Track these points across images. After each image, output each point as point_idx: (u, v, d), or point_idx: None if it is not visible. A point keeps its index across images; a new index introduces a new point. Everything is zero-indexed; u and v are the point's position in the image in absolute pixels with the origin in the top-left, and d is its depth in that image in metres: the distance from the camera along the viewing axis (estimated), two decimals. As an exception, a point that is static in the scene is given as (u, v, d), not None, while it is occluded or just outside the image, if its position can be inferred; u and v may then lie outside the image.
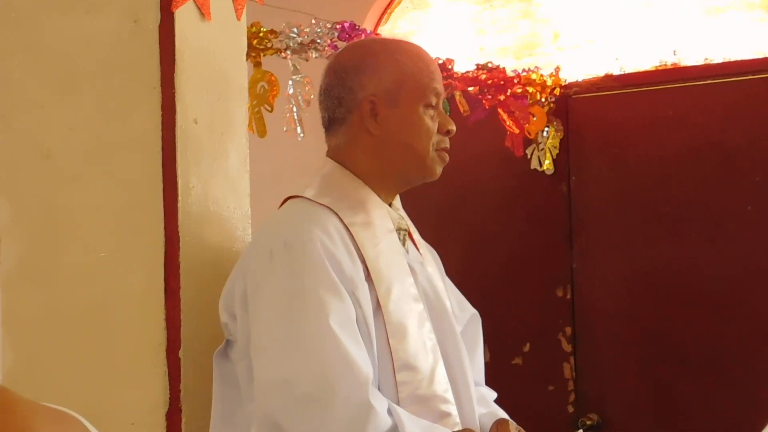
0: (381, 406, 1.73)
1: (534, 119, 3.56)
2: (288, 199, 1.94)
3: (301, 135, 2.72)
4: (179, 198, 1.95)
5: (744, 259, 3.44)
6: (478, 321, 2.18)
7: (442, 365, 1.88)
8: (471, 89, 3.38)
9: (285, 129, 2.71)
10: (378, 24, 4.25)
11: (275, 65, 2.72)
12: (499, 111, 3.48)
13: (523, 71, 3.56)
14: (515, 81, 3.48)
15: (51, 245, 2.00)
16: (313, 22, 2.72)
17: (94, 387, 1.95)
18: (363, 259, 1.84)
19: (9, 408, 0.85)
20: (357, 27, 2.77)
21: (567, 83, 3.71)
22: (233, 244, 2.10)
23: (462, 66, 3.46)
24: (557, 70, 3.68)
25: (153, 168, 1.95)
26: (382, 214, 1.93)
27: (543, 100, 3.59)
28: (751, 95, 3.47)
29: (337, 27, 2.73)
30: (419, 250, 2.05)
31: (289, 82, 2.71)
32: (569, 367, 3.66)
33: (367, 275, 1.83)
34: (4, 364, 2.02)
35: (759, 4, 3.68)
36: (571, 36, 3.93)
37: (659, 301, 3.55)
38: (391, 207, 1.98)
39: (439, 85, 1.97)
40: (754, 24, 3.67)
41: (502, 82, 3.44)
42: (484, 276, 3.72)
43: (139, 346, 1.94)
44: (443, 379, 1.87)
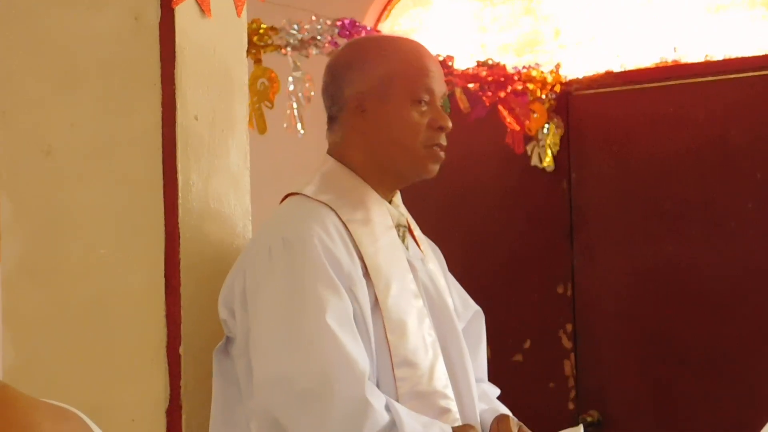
0: (378, 402, 1.73)
1: (534, 116, 3.56)
2: (288, 196, 1.94)
3: (302, 132, 2.72)
4: (180, 195, 1.95)
5: (745, 257, 3.44)
6: (481, 318, 2.18)
7: (441, 361, 1.88)
8: (471, 86, 3.38)
9: (285, 126, 2.71)
10: (378, 21, 4.24)
11: (275, 62, 2.72)
12: (500, 108, 3.48)
13: (524, 68, 3.55)
14: (516, 78, 3.48)
15: (51, 242, 2.00)
16: (314, 19, 2.72)
17: (94, 384, 1.95)
18: (361, 256, 1.84)
19: (10, 404, 0.85)
20: (357, 24, 2.77)
21: (568, 80, 3.71)
22: (234, 240, 2.10)
23: (463, 63, 3.46)
24: (558, 67, 3.67)
25: (153, 165, 1.95)
26: (381, 210, 1.93)
27: (543, 97, 3.59)
28: (752, 92, 3.47)
29: (338, 24, 2.73)
30: (420, 246, 2.04)
31: (290, 78, 2.71)
32: (570, 365, 3.66)
33: (366, 272, 1.83)
34: (4, 361, 2.02)
35: (760, 1, 3.67)
36: (572, 33, 3.92)
37: (660, 299, 3.55)
38: (392, 203, 1.98)
39: (436, 83, 1.93)
40: (755, 21, 3.67)
41: (502, 79, 3.44)
42: (484, 273, 3.71)
43: (140, 342, 1.94)
44: (443, 375, 1.87)
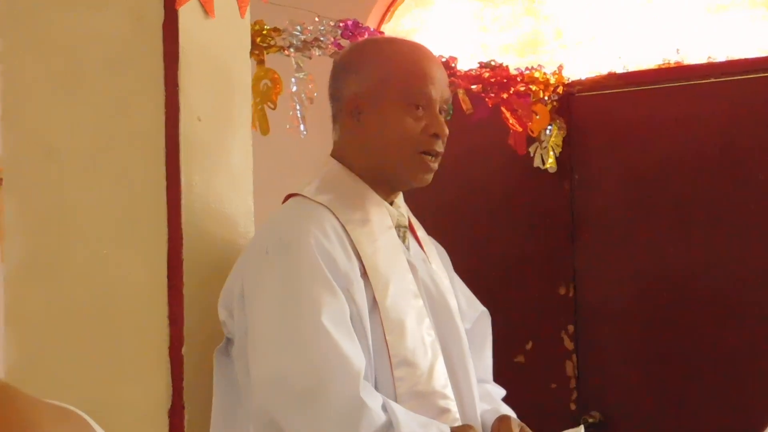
0: (374, 401, 1.73)
1: (537, 117, 3.55)
2: (289, 197, 1.95)
3: (304, 132, 2.72)
4: (182, 195, 1.95)
5: (747, 258, 3.44)
6: (487, 318, 2.18)
7: (441, 361, 1.88)
8: (474, 87, 3.38)
9: (288, 126, 2.71)
10: (381, 22, 4.24)
11: (278, 63, 2.72)
12: (502, 109, 3.48)
13: (526, 69, 3.55)
14: (518, 79, 3.48)
15: (54, 242, 2.00)
16: (317, 19, 2.72)
17: (96, 384, 1.96)
18: (359, 257, 1.84)
19: (11, 404, 0.85)
20: (360, 25, 2.77)
21: (570, 81, 3.70)
22: (237, 241, 2.10)
23: (465, 64, 3.46)
24: (560, 68, 3.67)
25: (156, 165, 1.95)
26: (380, 211, 1.93)
27: (546, 98, 3.58)
28: (754, 94, 3.47)
29: (341, 25, 2.73)
30: (423, 247, 2.04)
31: (292, 79, 2.71)
32: (571, 365, 3.66)
33: (364, 272, 1.84)
34: (7, 360, 2.02)
35: (762, 2, 3.67)
36: (574, 34, 3.92)
37: (662, 300, 3.55)
38: (393, 204, 1.98)
39: (435, 89, 1.90)
40: (756, 22, 3.67)
41: (505, 80, 3.43)
42: (486, 274, 3.71)
43: (142, 342, 1.94)
44: (442, 375, 1.87)
